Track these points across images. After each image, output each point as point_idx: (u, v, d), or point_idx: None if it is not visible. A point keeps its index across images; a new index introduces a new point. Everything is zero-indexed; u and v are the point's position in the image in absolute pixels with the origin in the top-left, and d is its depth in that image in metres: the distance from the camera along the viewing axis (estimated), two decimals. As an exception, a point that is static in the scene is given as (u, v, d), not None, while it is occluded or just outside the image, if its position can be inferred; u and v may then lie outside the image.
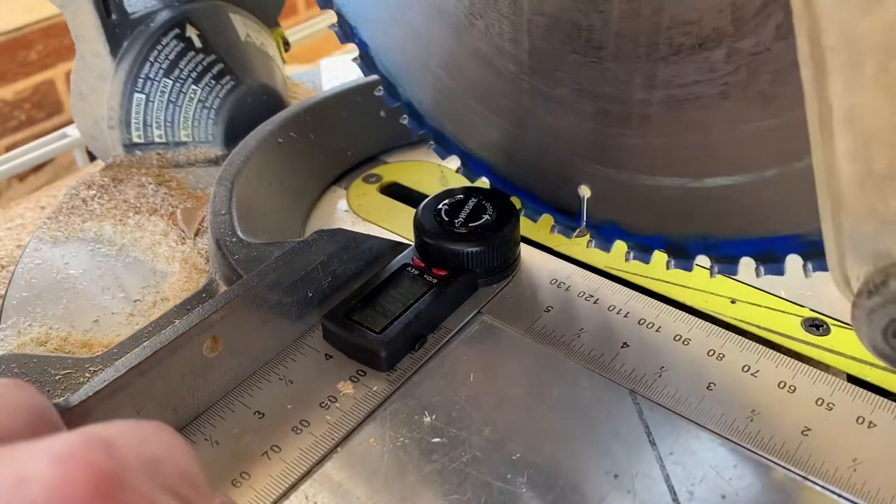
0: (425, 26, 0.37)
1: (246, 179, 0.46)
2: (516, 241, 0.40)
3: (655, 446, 0.31)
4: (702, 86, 0.31)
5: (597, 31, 0.32)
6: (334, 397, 0.33)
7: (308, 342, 0.36)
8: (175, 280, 0.44)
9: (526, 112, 0.37)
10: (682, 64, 0.31)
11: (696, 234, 0.36)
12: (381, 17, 0.39)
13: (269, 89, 0.59)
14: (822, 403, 0.32)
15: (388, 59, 0.41)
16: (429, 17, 0.37)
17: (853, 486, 0.28)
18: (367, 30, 0.40)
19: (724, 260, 0.35)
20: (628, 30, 0.31)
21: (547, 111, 0.36)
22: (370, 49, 0.41)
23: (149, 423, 0.19)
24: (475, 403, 0.33)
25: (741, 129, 0.31)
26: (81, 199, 0.51)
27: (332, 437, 0.32)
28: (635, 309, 0.37)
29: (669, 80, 0.31)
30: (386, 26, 0.39)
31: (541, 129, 0.37)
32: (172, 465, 0.18)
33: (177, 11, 0.55)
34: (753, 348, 0.34)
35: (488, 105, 0.38)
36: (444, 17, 0.36)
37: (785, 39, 0.28)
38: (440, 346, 0.36)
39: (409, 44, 0.39)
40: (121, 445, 0.16)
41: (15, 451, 0.15)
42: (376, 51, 0.41)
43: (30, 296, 0.43)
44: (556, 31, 0.33)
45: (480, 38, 0.36)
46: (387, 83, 0.42)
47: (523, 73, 0.36)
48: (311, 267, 0.37)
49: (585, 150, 0.36)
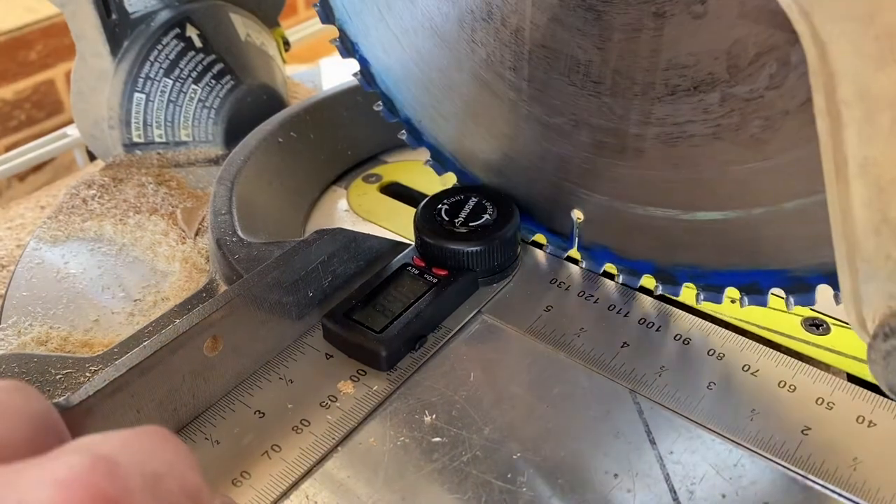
0: (427, 50, 0.38)
1: (246, 179, 0.46)
2: (516, 240, 0.40)
3: (655, 445, 0.31)
4: (695, 125, 0.32)
5: (595, 67, 0.33)
6: (335, 397, 0.33)
7: (308, 342, 0.36)
8: (175, 279, 0.44)
9: (523, 137, 0.38)
10: (677, 104, 0.31)
11: (685, 262, 0.37)
12: (383, 37, 0.40)
13: (269, 89, 0.59)
14: (822, 403, 0.32)
15: (388, 77, 0.42)
16: (431, 41, 0.38)
17: (853, 485, 0.28)
18: (368, 47, 0.41)
19: (710, 289, 0.37)
20: (626, 68, 0.32)
21: (544, 137, 0.37)
22: (371, 66, 0.42)
23: (151, 433, 0.19)
24: (475, 403, 0.33)
25: (732, 168, 0.32)
26: (81, 198, 0.51)
27: (332, 436, 0.32)
28: (635, 308, 0.37)
29: (664, 118, 0.32)
30: (387, 46, 0.40)
31: (537, 154, 0.38)
32: (175, 480, 0.18)
33: (177, 11, 0.55)
34: (753, 348, 0.34)
35: (486, 128, 0.39)
36: (446, 43, 0.37)
37: (777, 88, 0.29)
38: (440, 346, 0.36)
39: (410, 64, 0.40)
40: (123, 464, 0.16)
41: (18, 476, 0.15)
42: (377, 68, 0.42)
43: (30, 295, 0.43)
44: (556, 64, 0.34)
45: (481, 64, 0.37)
46: (386, 99, 0.42)
47: (522, 100, 0.37)
48: (311, 266, 0.37)
49: (579, 176, 0.37)
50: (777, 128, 0.30)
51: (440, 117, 0.41)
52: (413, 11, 0.37)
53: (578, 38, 0.32)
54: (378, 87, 0.42)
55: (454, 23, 0.36)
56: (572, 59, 0.33)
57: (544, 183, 0.39)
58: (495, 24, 0.35)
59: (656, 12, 0.30)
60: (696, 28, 0.29)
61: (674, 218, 0.35)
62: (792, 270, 0.33)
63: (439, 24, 0.37)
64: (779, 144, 0.30)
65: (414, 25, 0.38)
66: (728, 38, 0.29)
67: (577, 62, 0.33)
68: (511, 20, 0.34)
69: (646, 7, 0.30)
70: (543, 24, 0.33)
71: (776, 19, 0.27)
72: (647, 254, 0.38)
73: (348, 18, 0.40)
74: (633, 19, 0.30)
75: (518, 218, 0.39)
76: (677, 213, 0.35)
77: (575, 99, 0.34)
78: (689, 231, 0.35)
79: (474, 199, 0.40)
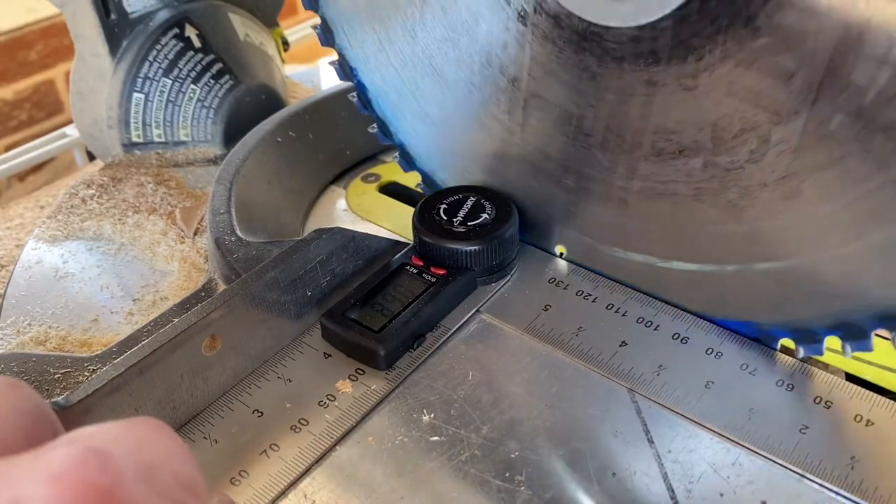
0: (425, 85, 0.39)
1: (245, 179, 0.46)
2: (515, 239, 0.40)
3: (654, 444, 0.31)
4: (678, 185, 0.33)
5: (587, 121, 0.34)
6: (333, 396, 0.33)
7: (307, 341, 0.36)
8: (174, 279, 0.44)
9: (513, 174, 0.40)
10: (662, 164, 0.33)
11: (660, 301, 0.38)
12: (383, 67, 0.41)
13: (268, 89, 0.59)
14: (820, 401, 0.32)
15: (385, 104, 0.43)
16: (429, 78, 0.39)
17: (851, 484, 0.28)
18: (366, 74, 0.42)
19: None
20: (616, 127, 0.33)
21: (533, 178, 0.39)
22: (368, 91, 0.43)
23: (145, 424, 0.18)
24: (474, 402, 0.33)
25: (709, 227, 0.33)
26: (81, 198, 0.51)
27: (330, 435, 0.32)
28: (634, 307, 0.37)
29: (649, 175, 0.34)
30: (386, 75, 0.41)
31: (525, 191, 0.40)
32: (170, 472, 0.17)
33: (176, 11, 0.55)
34: (752, 347, 0.35)
35: (478, 162, 0.41)
36: (444, 81, 0.38)
37: (757, 162, 0.30)
38: (439, 345, 0.36)
39: (407, 96, 0.41)
40: (117, 456, 0.16)
41: (10, 472, 0.15)
42: (374, 94, 0.43)
43: (29, 295, 0.43)
44: (549, 114, 0.35)
45: (477, 105, 0.38)
46: (381, 124, 0.44)
47: (514, 142, 0.38)
48: (309, 266, 0.37)
49: (564, 216, 0.39)
50: (754, 196, 0.31)
51: (434, 146, 0.42)
52: (414, 47, 0.38)
53: (573, 94, 0.34)
54: (374, 111, 0.43)
55: (453, 64, 0.37)
56: (566, 112, 0.35)
57: (530, 216, 0.41)
58: (494, 70, 0.36)
59: (649, 80, 0.31)
60: (686, 99, 0.30)
61: (651, 265, 0.37)
62: (760, 324, 0.35)
63: (439, 62, 0.38)
64: (754, 212, 0.32)
65: (413, 60, 0.39)
66: (715, 112, 0.30)
67: (570, 115, 0.35)
68: (509, 69, 0.35)
69: (640, 74, 0.31)
70: (540, 77, 0.35)
71: (761, 101, 0.29)
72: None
73: (349, 45, 0.41)
74: (627, 84, 0.32)
75: (516, 217, 0.39)
76: (655, 260, 0.37)
77: (565, 147, 0.36)
78: (665, 277, 0.37)
79: (473, 198, 0.40)
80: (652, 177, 0.34)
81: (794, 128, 0.28)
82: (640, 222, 0.36)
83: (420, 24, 0.37)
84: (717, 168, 0.31)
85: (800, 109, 0.28)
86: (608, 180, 0.35)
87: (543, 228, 0.41)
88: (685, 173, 0.33)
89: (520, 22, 0.33)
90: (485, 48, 0.35)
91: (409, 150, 0.44)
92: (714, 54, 0.28)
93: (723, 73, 0.29)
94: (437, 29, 0.37)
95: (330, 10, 0.40)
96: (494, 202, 0.40)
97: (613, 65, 0.31)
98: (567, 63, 0.33)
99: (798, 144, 0.28)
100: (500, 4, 0.34)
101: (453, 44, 0.37)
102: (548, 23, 0.32)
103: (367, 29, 0.39)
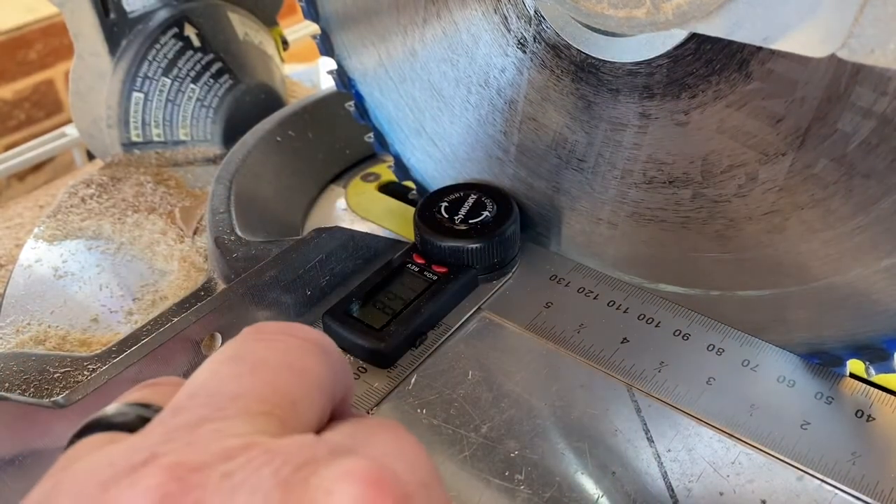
0: (423, 100, 0.40)
1: (244, 178, 0.46)
2: (516, 237, 0.40)
3: (653, 443, 0.31)
4: (667, 213, 0.34)
5: (581, 146, 0.35)
6: (333, 394, 0.33)
7: (307, 339, 0.36)
8: (174, 278, 0.44)
9: (506, 189, 0.41)
10: (652, 192, 0.34)
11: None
12: (381, 80, 0.41)
13: (267, 88, 0.59)
14: (822, 397, 0.32)
15: (382, 115, 0.43)
16: (427, 94, 0.39)
17: (852, 480, 0.28)
18: (364, 85, 0.42)
19: None
20: (609, 154, 0.34)
21: (525, 196, 0.40)
22: (366, 102, 0.43)
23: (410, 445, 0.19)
24: (474, 401, 0.33)
25: (696, 254, 0.34)
26: (80, 197, 0.51)
27: (331, 433, 0.32)
28: (635, 304, 0.37)
29: (639, 202, 0.35)
30: (384, 89, 0.41)
31: (518, 206, 0.40)
32: (438, 493, 0.18)
33: (175, 10, 0.55)
34: (753, 343, 0.34)
35: (472, 176, 0.42)
36: (441, 98, 0.39)
37: (744, 197, 0.31)
38: (440, 343, 0.36)
39: (405, 109, 0.41)
40: (401, 473, 0.17)
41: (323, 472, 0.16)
42: (371, 105, 0.43)
43: (28, 294, 0.43)
44: (544, 137, 0.36)
45: (473, 122, 0.39)
46: (378, 133, 0.44)
47: (509, 160, 0.39)
48: (309, 265, 0.37)
49: (556, 233, 0.40)
50: (739, 228, 0.32)
51: (429, 160, 0.43)
52: (413, 64, 0.39)
53: (568, 120, 0.35)
54: (371, 121, 0.44)
55: (451, 82, 0.38)
56: (560, 136, 0.36)
57: (521, 229, 0.41)
58: (491, 92, 0.37)
59: (643, 113, 0.32)
60: (678, 133, 0.31)
61: (640, 285, 0.38)
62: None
63: (437, 80, 0.38)
64: (739, 243, 0.33)
65: (412, 76, 0.39)
66: (705, 148, 0.31)
67: (564, 139, 0.36)
68: (507, 92, 0.36)
69: (633, 107, 0.32)
70: (537, 102, 0.35)
71: (750, 140, 0.30)
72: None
73: (347, 56, 0.42)
74: (621, 114, 0.33)
75: (518, 215, 0.39)
76: (643, 281, 0.38)
77: (558, 169, 0.37)
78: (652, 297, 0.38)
79: (474, 196, 0.40)
80: (642, 203, 0.35)
81: (781, 168, 0.29)
82: (629, 245, 0.37)
83: (420, 42, 0.37)
84: (706, 199, 0.32)
85: (787, 151, 0.29)
86: (599, 204, 0.36)
87: (533, 241, 0.41)
88: (674, 202, 0.34)
89: (519, 49, 0.34)
90: (483, 70, 0.36)
91: (405, 161, 0.44)
92: (707, 94, 0.29)
93: (714, 111, 0.30)
94: (436, 48, 0.37)
95: (329, 23, 0.41)
96: (496, 200, 0.40)
97: (609, 95, 0.32)
98: (564, 90, 0.34)
99: (784, 184, 0.30)
100: (501, 31, 0.34)
101: (452, 63, 0.37)
102: (547, 52, 0.33)
103: (367, 43, 0.40)
